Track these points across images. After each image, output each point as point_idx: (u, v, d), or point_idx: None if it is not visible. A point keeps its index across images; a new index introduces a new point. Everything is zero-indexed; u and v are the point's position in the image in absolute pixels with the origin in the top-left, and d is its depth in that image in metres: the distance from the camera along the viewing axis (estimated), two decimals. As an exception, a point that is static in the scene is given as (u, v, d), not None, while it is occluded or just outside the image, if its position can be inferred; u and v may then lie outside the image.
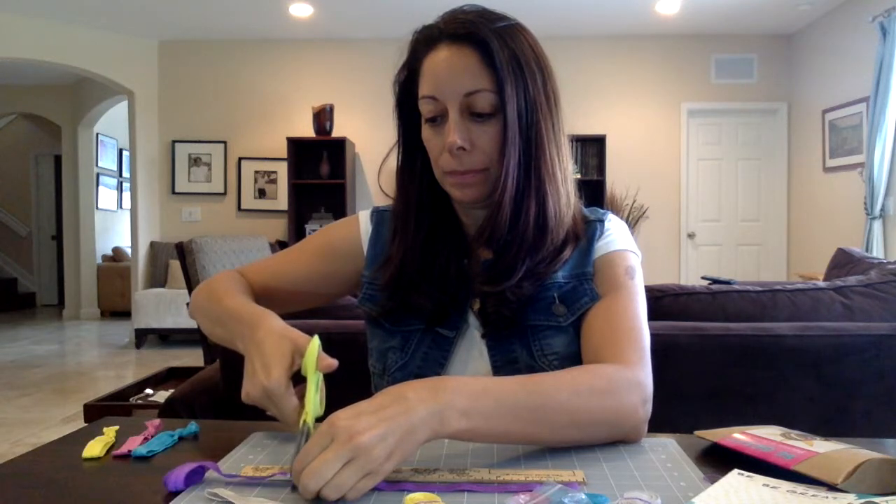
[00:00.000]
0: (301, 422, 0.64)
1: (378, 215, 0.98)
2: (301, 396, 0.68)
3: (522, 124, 0.81)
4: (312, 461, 0.55)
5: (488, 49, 0.79)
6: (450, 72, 0.80)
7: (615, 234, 0.89)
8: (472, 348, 0.86)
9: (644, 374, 0.75)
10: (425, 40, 0.84)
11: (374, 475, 0.56)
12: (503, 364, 0.83)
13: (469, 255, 0.89)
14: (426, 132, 0.84)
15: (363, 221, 0.98)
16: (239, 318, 0.78)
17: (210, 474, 0.61)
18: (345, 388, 0.93)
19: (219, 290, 0.88)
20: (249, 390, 0.69)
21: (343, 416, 0.57)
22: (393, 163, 0.92)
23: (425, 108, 0.83)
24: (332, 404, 0.77)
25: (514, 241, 0.83)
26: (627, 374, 0.73)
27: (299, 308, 0.99)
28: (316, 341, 0.69)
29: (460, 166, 0.81)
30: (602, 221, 0.90)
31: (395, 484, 0.59)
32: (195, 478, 0.59)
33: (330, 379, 0.71)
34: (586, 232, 0.89)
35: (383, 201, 0.99)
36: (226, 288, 0.88)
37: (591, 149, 5.88)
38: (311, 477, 0.54)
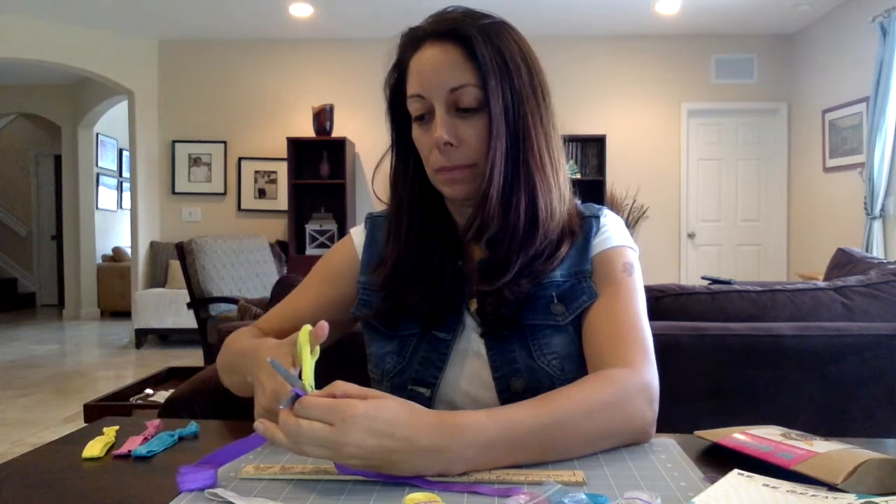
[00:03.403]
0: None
1: (372, 221, 0.98)
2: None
3: (509, 118, 0.81)
4: (307, 423, 0.57)
5: (471, 44, 0.80)
6: (434, 69, 0.81)
7: (612, 230, 0.89)
8: (470, 350, 0.86)
9: (650, 375, 0.75)
10: (411, 41, 0.85)
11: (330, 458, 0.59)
12: (502, 364, 0.83)
13: (463, 255, 0.89)
14: (416, 131, 0.85)
15: (356, 235, 0.98)
16: (242, 355, 0.81)
17: (221, 471, 0.61)
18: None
19: (229, 343, 0.91)
20: (259, 400, 0.69)
21: (362, 410, 0.58)
22: (387, 166, 0.92)
23: (413, 107, 0.84)
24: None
25: (506, 236, 0.83)
26: (635, 378, 0.73)
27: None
28: (307, 327, 0.68)
29: (448, 162, 0.81)
30: (598, 217, 0.90)
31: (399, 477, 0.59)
32: (209, 481, 0.59)
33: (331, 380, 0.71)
34: (582, 228, 0.88)
35: (382, 202, 0.99)
36: (235, 340, 0.90)
37: (591, 149, 5.87)
38: (291, 429, 0.58)
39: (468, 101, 0.80)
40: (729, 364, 1.15)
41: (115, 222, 8.17)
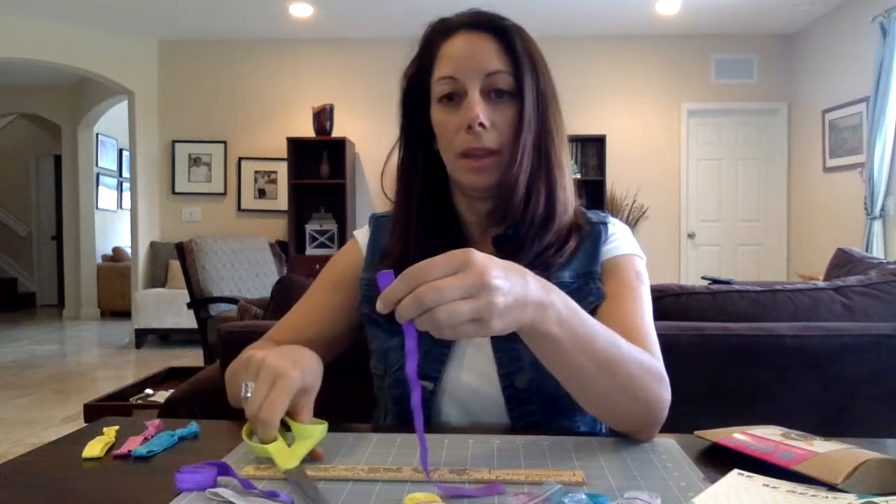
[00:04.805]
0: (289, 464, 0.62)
1: (376, 221, 0.98)
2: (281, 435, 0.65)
3: (537, 111, 0.85)
4: (438, 280, 0.54)
5: (507, 37, 0.83)
6: (472, 52, 0.83)
7: (622, 239, 0.91)
8: (472, 346, 0.86)
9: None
10: (442, 30, 0.87)
11: (482, 324, 0.54)
12: (506, 361, 0.83)
13: None
14: (439, 114, 0.85)
15: (360, 236, 0.99)
16: (248, 362, 0.76)
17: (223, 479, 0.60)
18: (346, 389, 0.93)
19: (242, 356, 0.88)
20: (266, 356, 0.67)
21: (479, 254, 0.57)
22: (391, 165, 0.92)
23: (442, 89, 0.85)
24: (332, 404, 0.77)
25: (524, 224, 0.85)
26: (665, 374, 0.74)
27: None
28: (323, 431, 0.67)
29: (477, 142, 0.82)
30: (606, 224, 0.92)
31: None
32: (207, 482, 0.59)
33: (330, 381, 0.71)
34: (591, 232, 0.90)
35: (383, 201, 1.00)
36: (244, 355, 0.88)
37: (591, 149, 5.87)
38: (432, 291, 0.53)
39: (503, 85, 0.83)
40: (729, 364, 1.15)
41: (115, 222, 8.17)
